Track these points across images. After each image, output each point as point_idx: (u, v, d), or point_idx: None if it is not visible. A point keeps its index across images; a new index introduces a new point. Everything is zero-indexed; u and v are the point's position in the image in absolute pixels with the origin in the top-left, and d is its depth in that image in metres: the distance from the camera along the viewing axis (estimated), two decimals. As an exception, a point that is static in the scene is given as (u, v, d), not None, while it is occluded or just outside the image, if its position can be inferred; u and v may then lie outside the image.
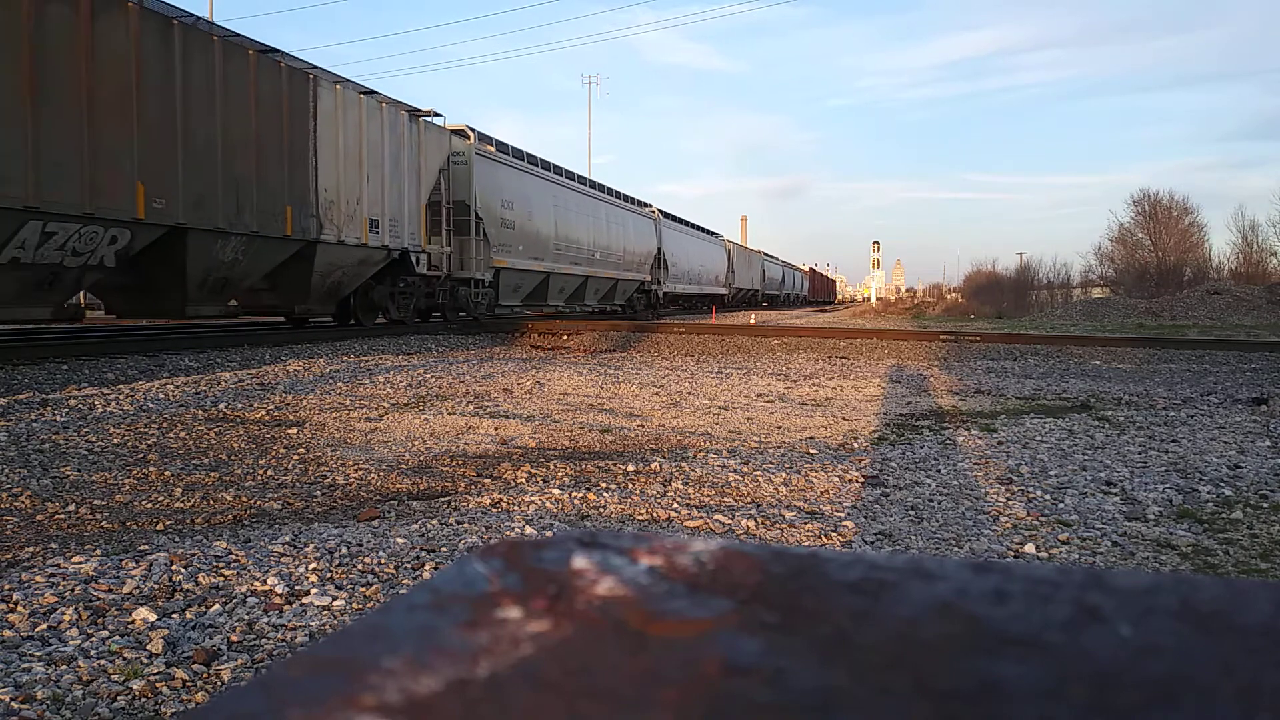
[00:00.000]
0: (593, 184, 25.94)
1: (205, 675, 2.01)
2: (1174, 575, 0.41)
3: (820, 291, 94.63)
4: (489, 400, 6.93)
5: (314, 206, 11.92)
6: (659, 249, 30.46)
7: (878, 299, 79.68)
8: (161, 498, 3.79)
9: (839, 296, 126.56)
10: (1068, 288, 50.44)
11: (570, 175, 23.98)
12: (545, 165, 22.05)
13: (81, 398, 6.03)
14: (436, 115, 15.32)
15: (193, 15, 10.38)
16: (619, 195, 28.04)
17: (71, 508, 3.58)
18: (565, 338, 15.34)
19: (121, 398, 6.09)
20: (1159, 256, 46.45)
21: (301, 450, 4.81)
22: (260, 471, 4.33)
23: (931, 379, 9.35)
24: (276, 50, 11.39)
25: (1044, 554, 3.12)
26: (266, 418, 5.78)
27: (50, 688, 1.89)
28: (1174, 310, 29.67)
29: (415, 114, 14.64)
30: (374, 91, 13.51)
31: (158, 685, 1.95)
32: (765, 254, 58.38)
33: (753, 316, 30.70)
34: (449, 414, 6.16)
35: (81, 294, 11.41)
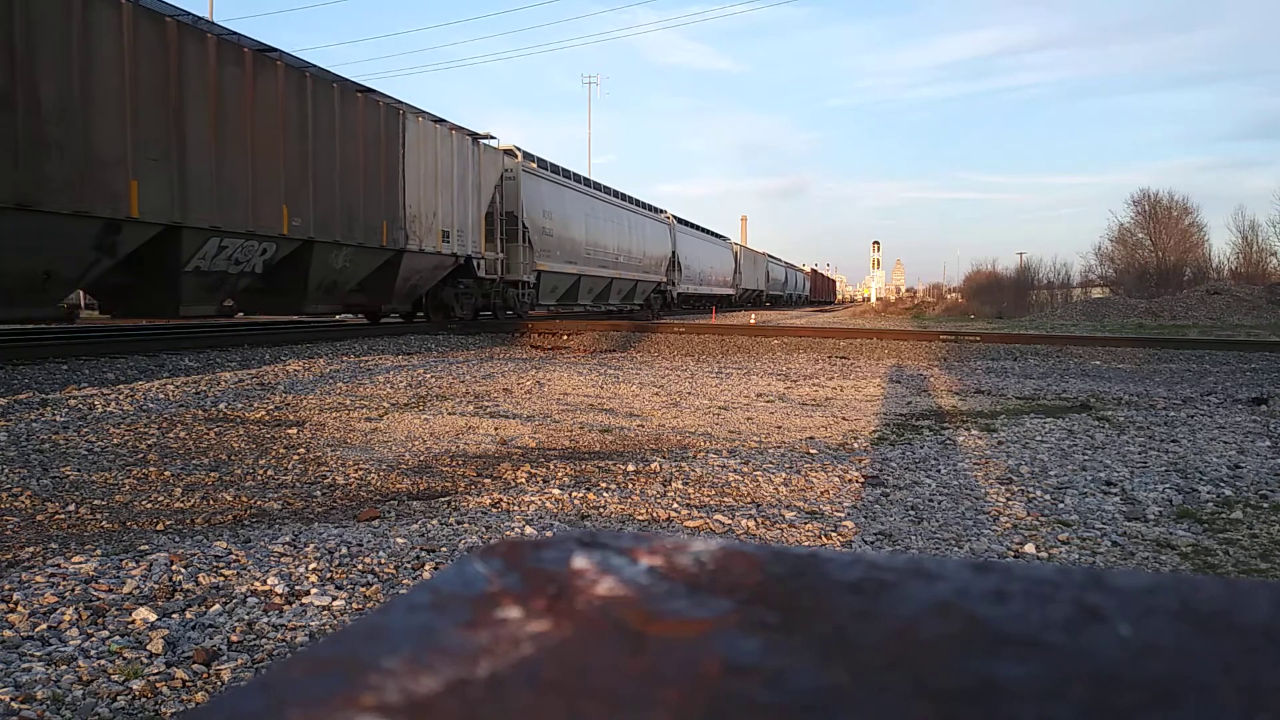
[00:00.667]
0: (617, 194, 27.99)
1: (205, 675, 2.01)
2: (1174, 575, 0.41)
3: (821, 292, 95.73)
4: (489, 400, 6.93)
5: (402, 221, 14.11)
6: (673, 252, 32.64)
7: (878, 299, 79.70)
8: (161, 498, 3.79)
9: (839, 296, 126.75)
10: (1068, 288, 50.45)
11: (598, 186, 26.26)
12: (578, 178, 24.53)
13: (81, 398, 6.03)
14: (492, 138, 17.66)
15: (316, 65, 12.41)
16: (638, 203, 30.32)
17: (71, 508, 3.58)
18: (565, 338, 15.34)
19: (121, 398, 6.09)
20: (1159, 256, 46.46)
21: (301, 450, 4.81)
22: (260, 471, 4.33)
23: (931, 379, 9.35)
24: (374, 90, 13.55)
25: (1044, 554, 3.12)
26: (266, 418, 5.78)
27: (50, 688, 1.89)
28: (1174, 310, 29.67)
29: (475, 138, 16.84)
30: (443, 120, 15.66)
31: (158, 685, 1.95)
32: (769, 255, 60.19)
33: (752, 317, 30.74)
34: (449, 414, 6.16)
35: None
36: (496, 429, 5.61)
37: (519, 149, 19.74)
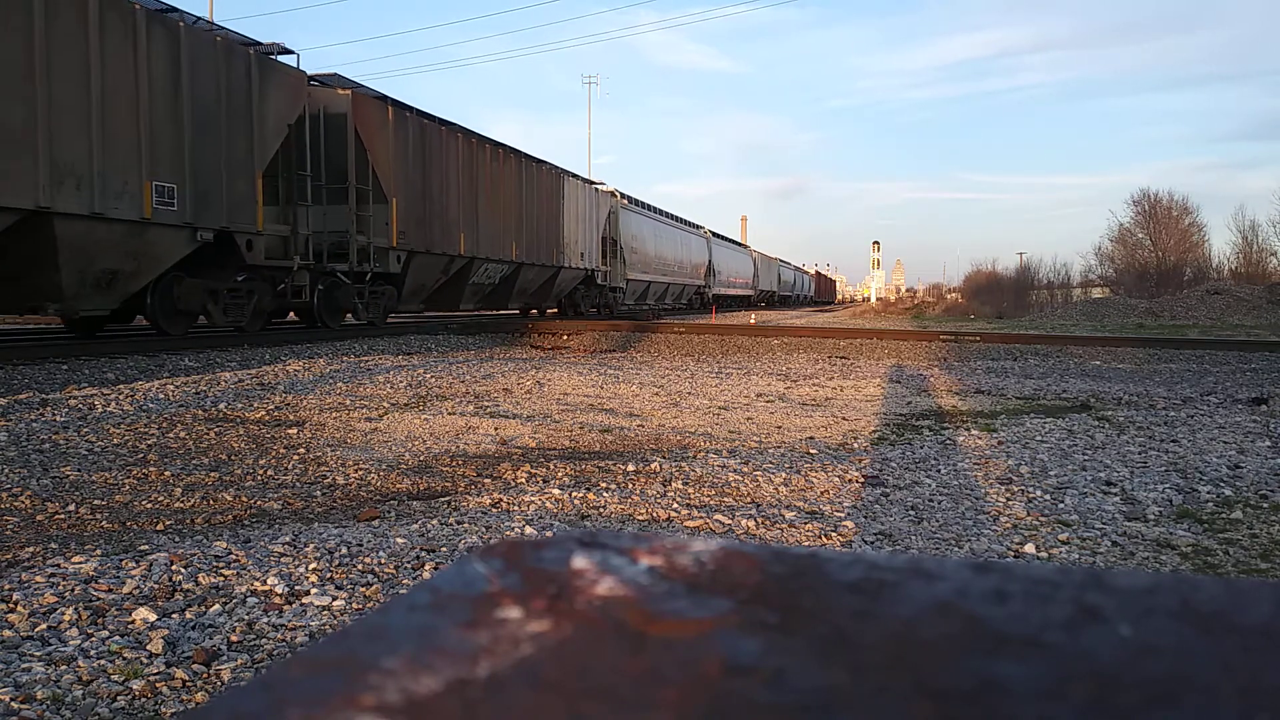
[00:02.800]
0: (672, 216, 35.78)
1: (205, 675, 2.01)
2: (1174, 575, 0.41)
3: (824, 292, 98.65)
4: (489, 400, 6.93)
5: (562, 247, 21.75)
6: (710, 261, 40.23)
7: (878, 299, 79.67)
8: (161, 498, 3.79)
9: (839, 296, 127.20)
10: (1068, 288, 50.41)
11: (661, 212, 33.94)
12: (651, 208, 32.40)
13: (81, 398, 6.03)
14: (602, 184, 25.87)
15: (526, 152, 19.85)
16: (686, 222, 38.17)
17: (71, 508, 3.58)
18: (565, 338, 15.35)
19: (121, 398, 6.09)
20: (1159, 256, 46.43)
21: (301, 450, 4.81)
22: (260, 471, 4.33)
23: (931, 379, 9.36)
24: (545, 161, 20.90)
25: (1044, 554, 3.12)
26: (266, 418, 5.78)
27: (50, 688, 1.89)
28: (1174, 310, 29.65)
29: (594, 186, 24.75)
30: (578, 175, 23.19)
31: (158, 685, 1.95)
32: (780, 260, 67.12)
33: (752, 317, 30.83)
34: (449, 414, 6.16)
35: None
36: (496, 429, 5.61)
37: (618, 191, 27.98)
